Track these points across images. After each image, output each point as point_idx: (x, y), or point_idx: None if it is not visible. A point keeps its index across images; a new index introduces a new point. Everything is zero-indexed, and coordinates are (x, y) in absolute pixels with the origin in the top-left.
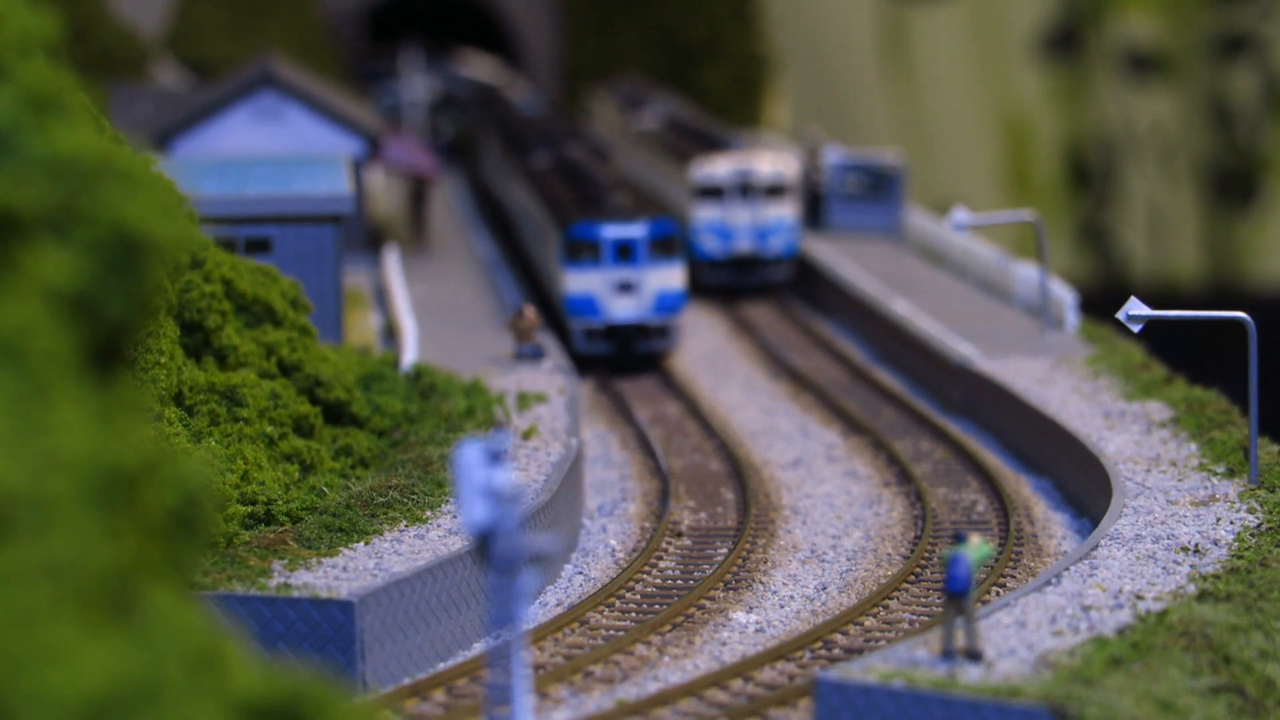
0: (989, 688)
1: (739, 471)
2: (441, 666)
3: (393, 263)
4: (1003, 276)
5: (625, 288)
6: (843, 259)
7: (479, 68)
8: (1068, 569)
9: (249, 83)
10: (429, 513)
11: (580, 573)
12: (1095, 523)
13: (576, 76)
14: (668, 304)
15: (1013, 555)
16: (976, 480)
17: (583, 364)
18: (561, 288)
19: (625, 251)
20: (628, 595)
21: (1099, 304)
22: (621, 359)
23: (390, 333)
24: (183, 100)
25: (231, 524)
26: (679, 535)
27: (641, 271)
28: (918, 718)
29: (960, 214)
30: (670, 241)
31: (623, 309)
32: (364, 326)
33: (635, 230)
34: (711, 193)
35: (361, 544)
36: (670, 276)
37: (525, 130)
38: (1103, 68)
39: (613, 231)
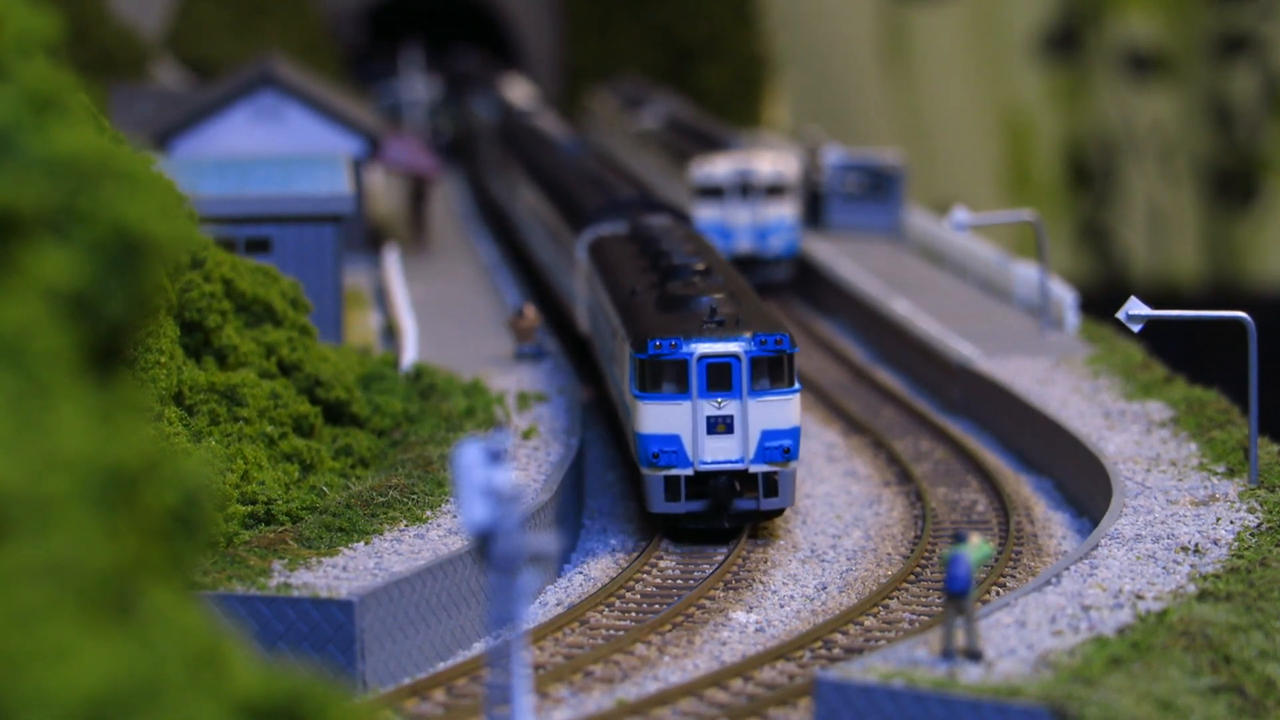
0: (989, 688)
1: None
2: (441, 666)
3: (393, 263)
4: (1003, 276)
5: (720, 424)
6: (843, 259)
7: (507, 88)
8: (1068, 569)
9: (249, 83)
10: (429, 513)
11: (580, 573)
12: (1095, 523)
13: (576, 76)
14: (778, 446)
15: (1013, 555)
16: (976, 480)
17: (658, 526)
18: (634, 423)
19: (721, 376)
20: (628, 595)
21: (1099, 304)
22: (713, 519)
23: (390, 333)
24: (183, 100)
25: (231, 524)
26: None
27: (743, 403)
28: (918, 718)
29: (960, 214)
30: (782, 361)
31: (716, 452)
32: (364, 326)
33: (735, 347)
34: (711, 193)
35: (361, 544)
36: (781, 410)
37: (579, 185)
38: (1103, 68)
39: (705, 349)
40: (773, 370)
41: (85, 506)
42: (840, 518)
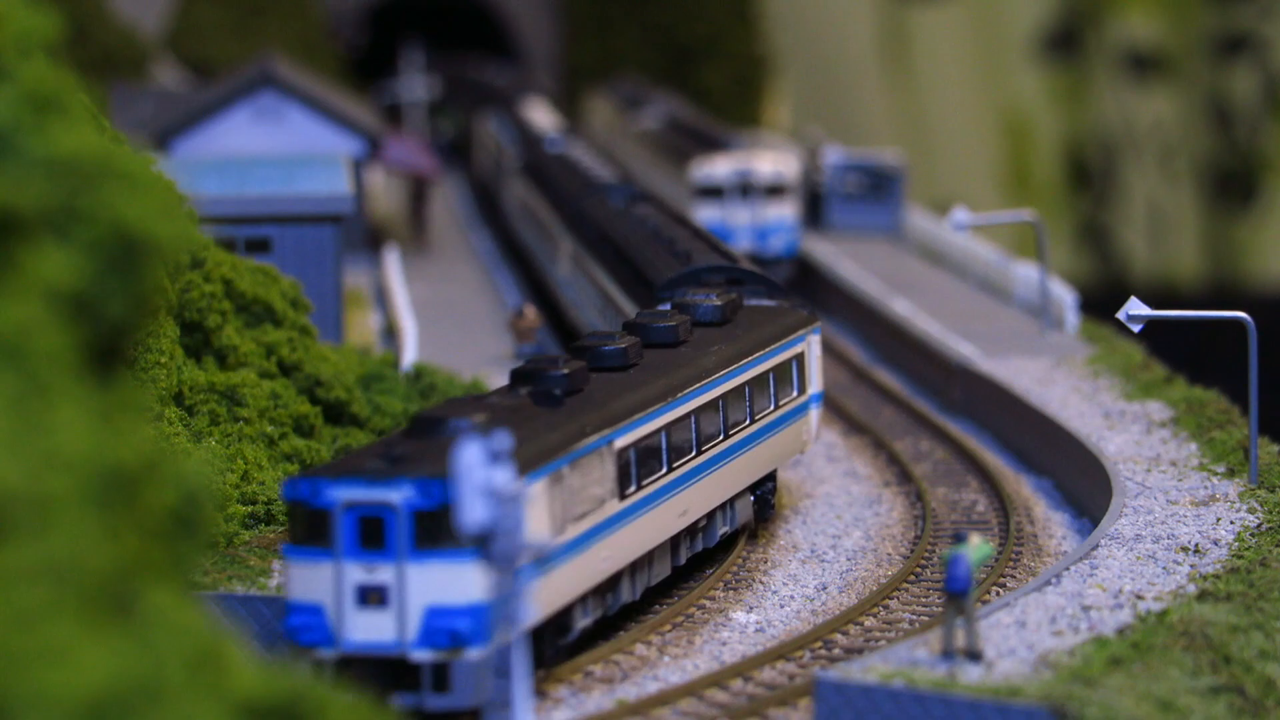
0: (989, 688)
1: None
2: None
3: (393, 263)
4: (1003, 276)
5: (373, 595)
6: (843, 259)
7: (528, 111)
8: (1068, 569)
9: (249, 83)
10: None
11: None
12: (1095, 523)
13: (576, 76)
14: (446, 628)
15: (1013, 555)
16: (976, 480)
17: None
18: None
19: (375, 532)
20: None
21: (1099, 304)
22: None
23: (390, 333)
24: (183, 100)
25: (231, 524)
26: None
27: (400, 568)
28: (918, 718)
29: (960, 214)
30: (449, 514)
31: (366, 631)
32: (364, 326)
33: (390, 495)
34: (711, 193)
35: None
36: (454, 579)
37: (644, 248)
38: (1103, 68)
39: (352, 496)
40: (440, 524)
41: (85, 506)
42: (840, 518)
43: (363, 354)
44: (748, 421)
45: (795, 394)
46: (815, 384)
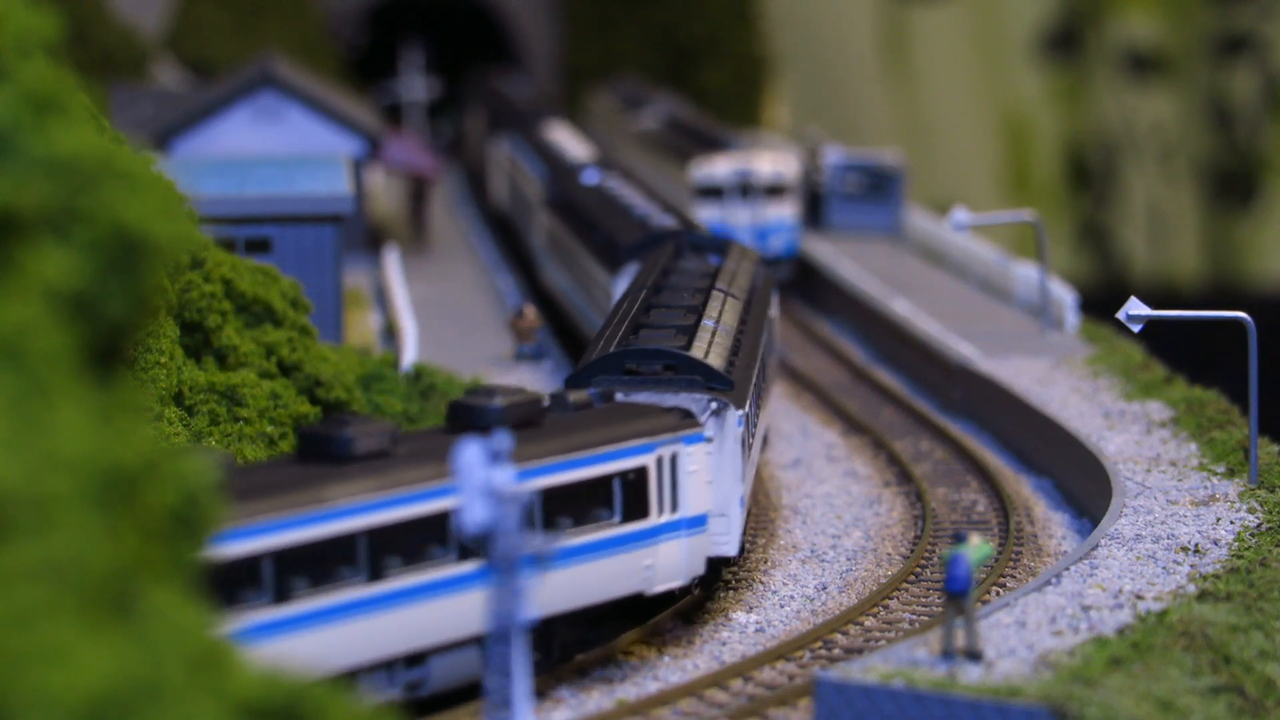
0: (989, 688)
1: None
2: None
3: (393, 263)
4: (1003, 276)
5: None
6: (843, 259)
7: (550, 133)
8: (1068, 569)
9: (249, 83)
10: None
11: None
12: (1095, 523)
13: (576, 76)
14: None
15: (1013, 555)
16: (976, 480)
17: None
18: None
19: None
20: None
21: (1099, 304)
22: None
23: (390, 333)
24: (183, 100)
25: None
26: None
27: None
28: (918, 718)
29: (960, 214)
30: None
31: None
32: (364, 326)
33: None
34: (711, 193)
35: None
36: None
37: (625, 319)
38: (1103, 68)
39: None
40: None
41: (85, 506)
42: (840, 518)
43: (363, 354)
44: (453, 559)
45: (615, 519)
46: (686, 506)
